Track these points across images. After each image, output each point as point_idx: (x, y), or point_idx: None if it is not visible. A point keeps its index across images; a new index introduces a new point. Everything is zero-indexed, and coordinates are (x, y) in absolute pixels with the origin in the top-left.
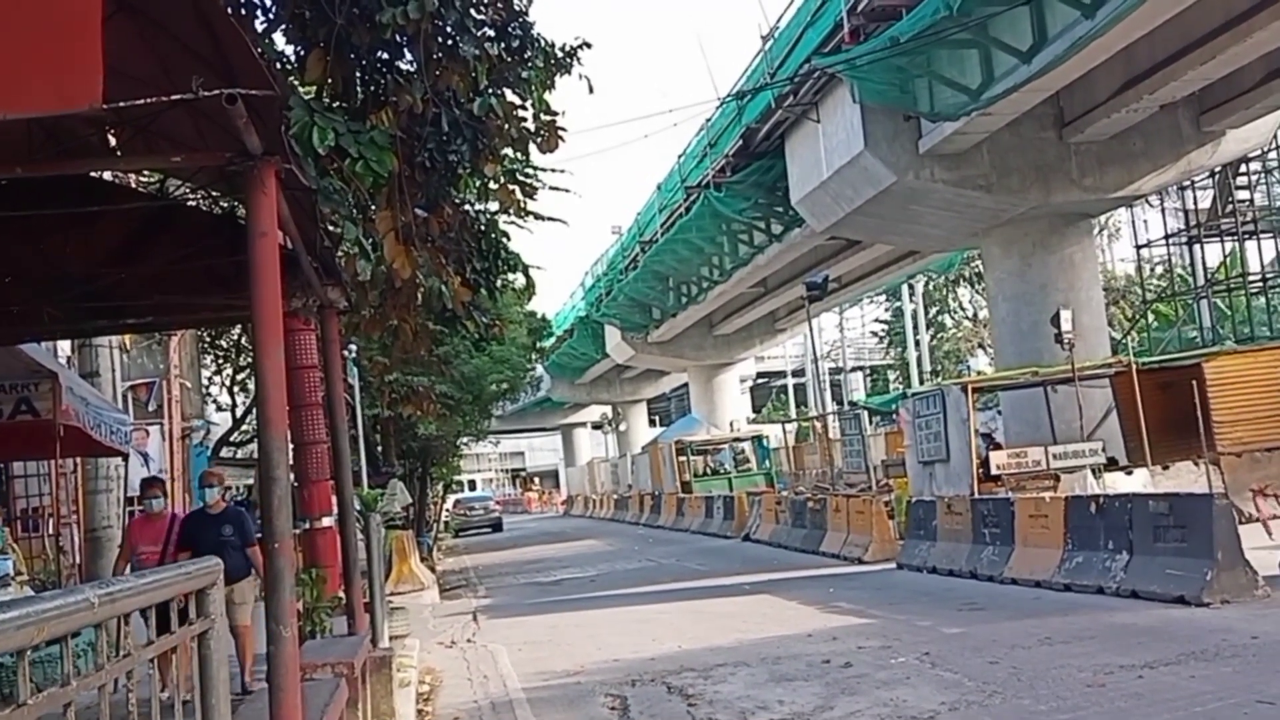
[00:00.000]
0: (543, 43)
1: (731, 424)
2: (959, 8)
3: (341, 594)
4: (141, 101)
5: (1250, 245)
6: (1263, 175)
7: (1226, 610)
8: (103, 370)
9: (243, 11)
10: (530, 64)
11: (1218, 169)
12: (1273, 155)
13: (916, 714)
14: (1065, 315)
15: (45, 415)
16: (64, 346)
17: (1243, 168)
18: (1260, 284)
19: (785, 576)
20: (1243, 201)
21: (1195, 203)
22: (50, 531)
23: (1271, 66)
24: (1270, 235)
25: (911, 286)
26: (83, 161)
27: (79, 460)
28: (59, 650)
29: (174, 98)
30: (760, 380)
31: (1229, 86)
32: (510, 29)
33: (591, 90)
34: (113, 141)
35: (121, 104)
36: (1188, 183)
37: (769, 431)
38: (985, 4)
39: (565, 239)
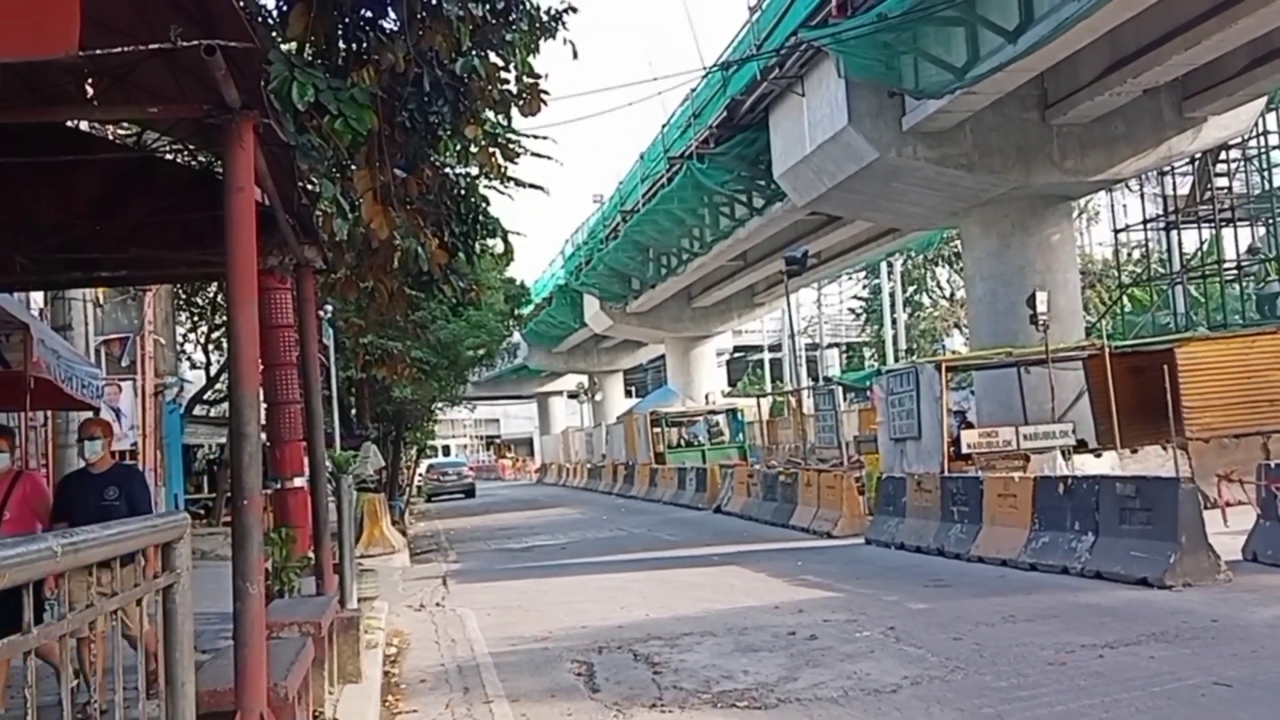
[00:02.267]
0: (528, 5)
1: (707, 396)
2: None
3: (311, 554)
4: (119, 50)
5: (1227, 233)
6: (1242, 163)
7: (1188, 593)
8: (75, 324)
9: None
10: (514, 26)
11: (1198, 155)
12: (1253, 143)
13: (879, 687)
14: (1041, 297)
15: (16, 367)
16: (37, 299)
17: (1223, 155)
18: (1235, 271)
19: (754, 549)
20: (1221, 189)
21: (1174, 189)
22: None
23: (1255, 54)
24: (1247, 223)
25: (890, 265)
26: (59, 109)
27: (50, 414)
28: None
29: (152, 46)
30: (737, 354)
31: (1212, 73)
32: None
33: (576, 55)
34: (90, 91)
35: (99, 52)
36: (1168, 168)
37: (743, 405)
38: None
39: (546, 206)
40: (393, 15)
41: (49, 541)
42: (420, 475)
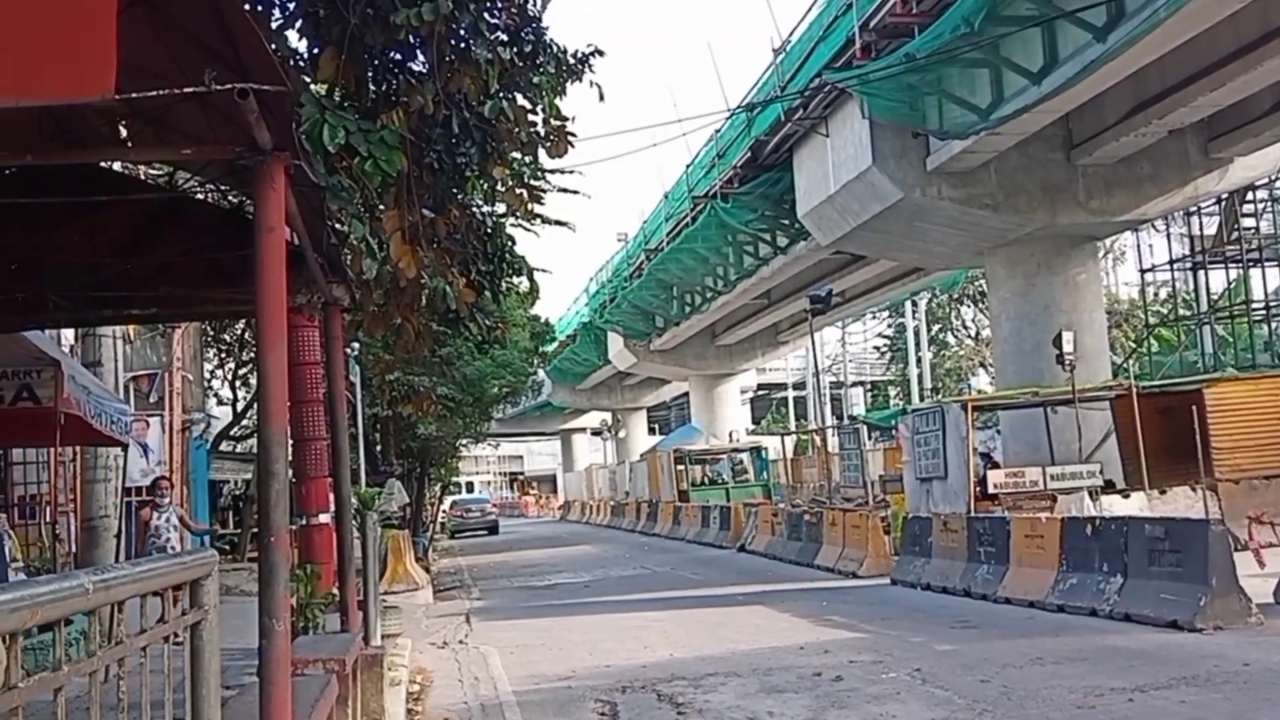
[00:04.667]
0: (555, 49)
1: (731, 434)
2: (978, 26)
3: (335, 591)
4: (154, 93)
5: (1254, 273)
6: (1269, 203)
7: (1219, 636)
8: (105, 360)
9: (259, 7)
10: (542, 69)
11: (1224, 196)
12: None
13: None
14: (1067, 337)
15: (46, 403)
16: (67, 335)
17: (1249, 195)
18: (1263, 312)
19: (779, 588)
20: (1248, 229)
21: (1201, 228)
22: (47, 519)
23: None
24: (1274, 263)
25: (914, 303)
26: (93, 151)
27: (78, 449)
28: (50, 638)
29: (186, 90)
30: (761, 392)
31: (1238, 114)
32: (523, 34)
33: (602, 98)
34: (123, 133)
35: (134, 95)
36: (1194, 208)
37: (768, 443)
38: (998, 24)
39: (571, 244)
40: (421, 58)
41: (81, 579)
42: (444, 511)
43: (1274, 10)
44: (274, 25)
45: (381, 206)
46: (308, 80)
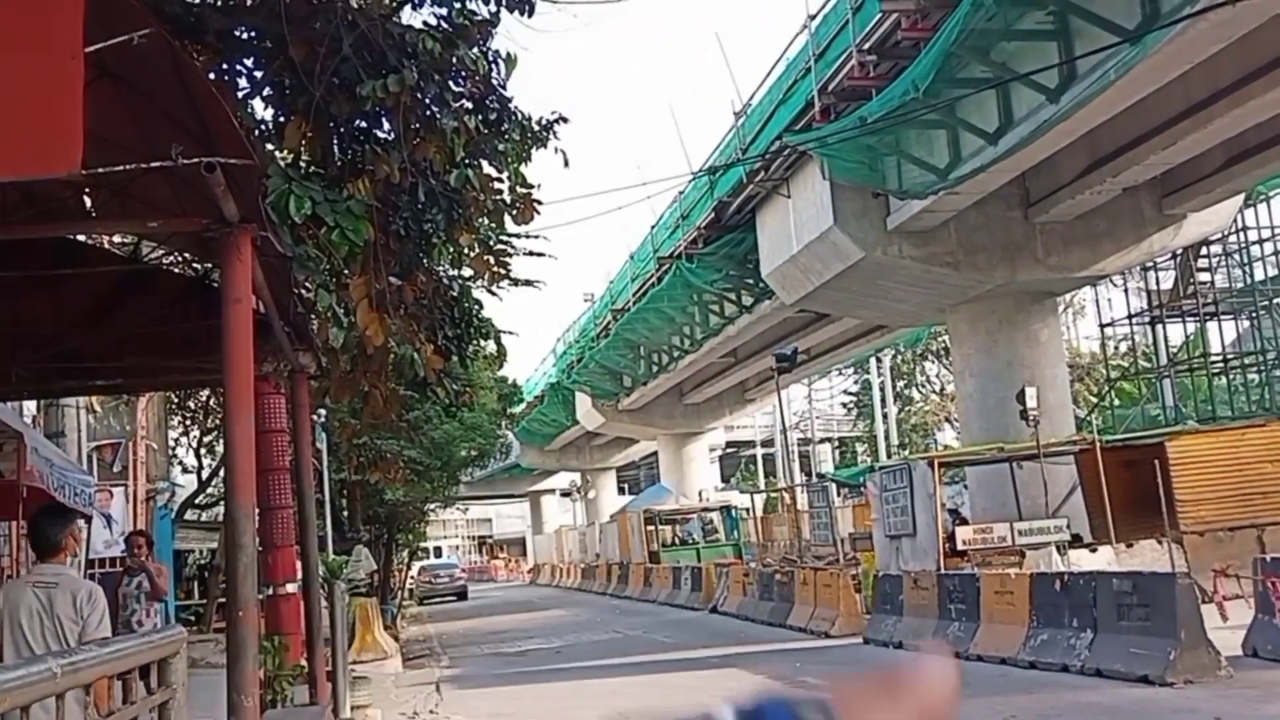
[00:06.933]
0: (519, 116)
1: (701, 493)
2: (926, 89)
3: (304, 662)
4: (121, 168)
5: (1211, 326)
6: (1223, 258)
7: (1190, 690)
8: (68, 430)
9: (225, 78)
10: (507, 137)
11: (1179, 251)
12: (1233, 238)
13: None
14: (1030, 392)
15: (9, 476)
16: (29, 406)
17: (1204, 250)
18: (1221, 364)
19: (752, 650)
20: (1204, 283)
21: (1158, 283)
22: None
23: (1231, 152)
24: (1230, 317)
25: (879, 360)
26: (59, 224)
27: None
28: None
29: (153, 164)
30: (729, 450)
31: (1190, 171)
32: (488, 102)
33: (567, 164)
34: (89, 204)
35: (100, 170)
36: (1150, 263)
37: (738, 500)
38: (953, 86)
39: (538, 304)
40: (387, 126)
41: (49, 663)
42: (412, 577)
43: (1221, 71)
44: (240, 95)
45: (348, 274)
46: (273, 149)
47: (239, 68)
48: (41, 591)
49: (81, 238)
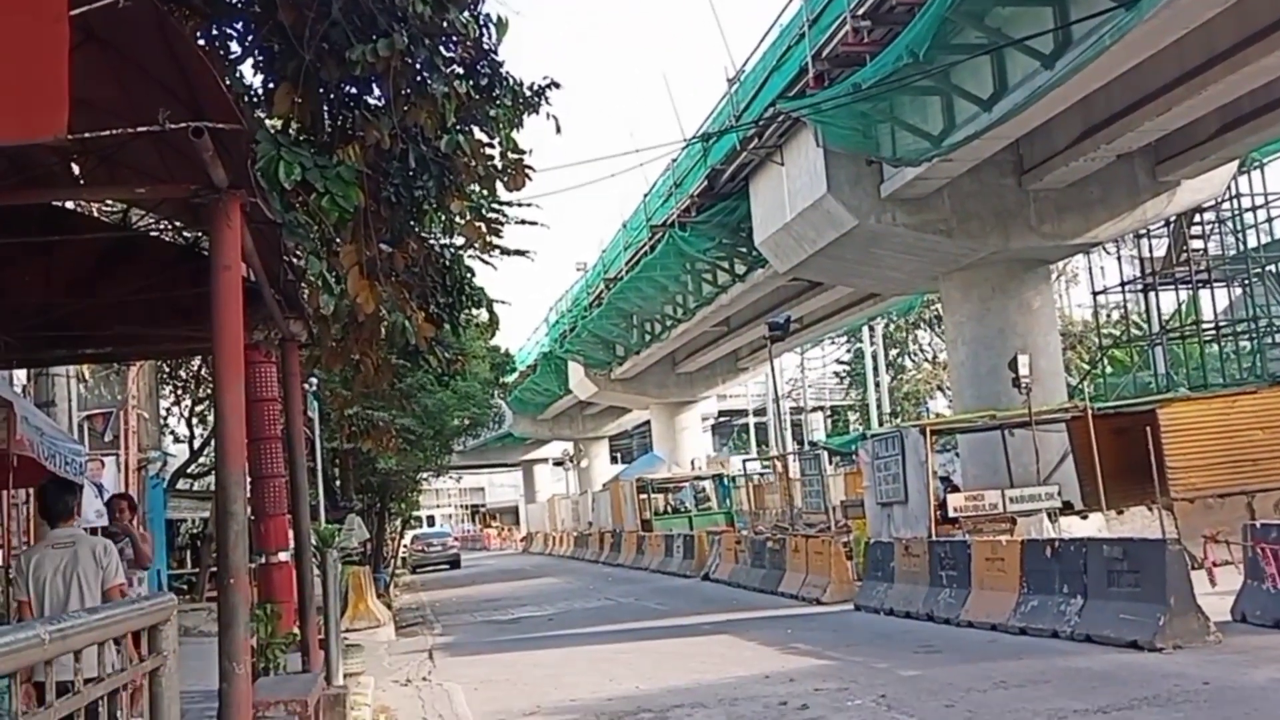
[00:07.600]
0: (511, 82)
1: (693, 462)
2: (924, 55)
3: (296, 630)
4: (107, 133)
5: (1204, 293)
6: (1216, 225)
7: (1179, 655)
8: (59, 400)
9: (213, 43)
10: (498, 102)
11: (1173, 218)
12: (1226, 206)
13: None
14: (1023, 360)
15: None
16: (19, 375)
17: (1197, 217)
18: (1214, 332)
19: (744, 617)
20: (1197, 251)
21: (1151, 251)
22: (1, 563)
23: (1225, 119)
24: (1223, 284)
25: (872, 328)
26: (46, 191)
27: (32, 492)
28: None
29: (140, 129)
30: (722, 419)
31: (1184, 138)
32: (479, 67)
33: (559, 130)
34: (76, 171)
35: (87, 135)
36: (1144, 231)
37: (734, 462)
38: (948, 52)
39: (530, 274)
40: (378, 92)
41: (36, 629)
42: (405, 546)
43: (1217, 36)
44: (228, 60)
45: (339, 241)
46: (262, 115)
47: (228, 32)
48: (63, 550)
49: (70, 205)
